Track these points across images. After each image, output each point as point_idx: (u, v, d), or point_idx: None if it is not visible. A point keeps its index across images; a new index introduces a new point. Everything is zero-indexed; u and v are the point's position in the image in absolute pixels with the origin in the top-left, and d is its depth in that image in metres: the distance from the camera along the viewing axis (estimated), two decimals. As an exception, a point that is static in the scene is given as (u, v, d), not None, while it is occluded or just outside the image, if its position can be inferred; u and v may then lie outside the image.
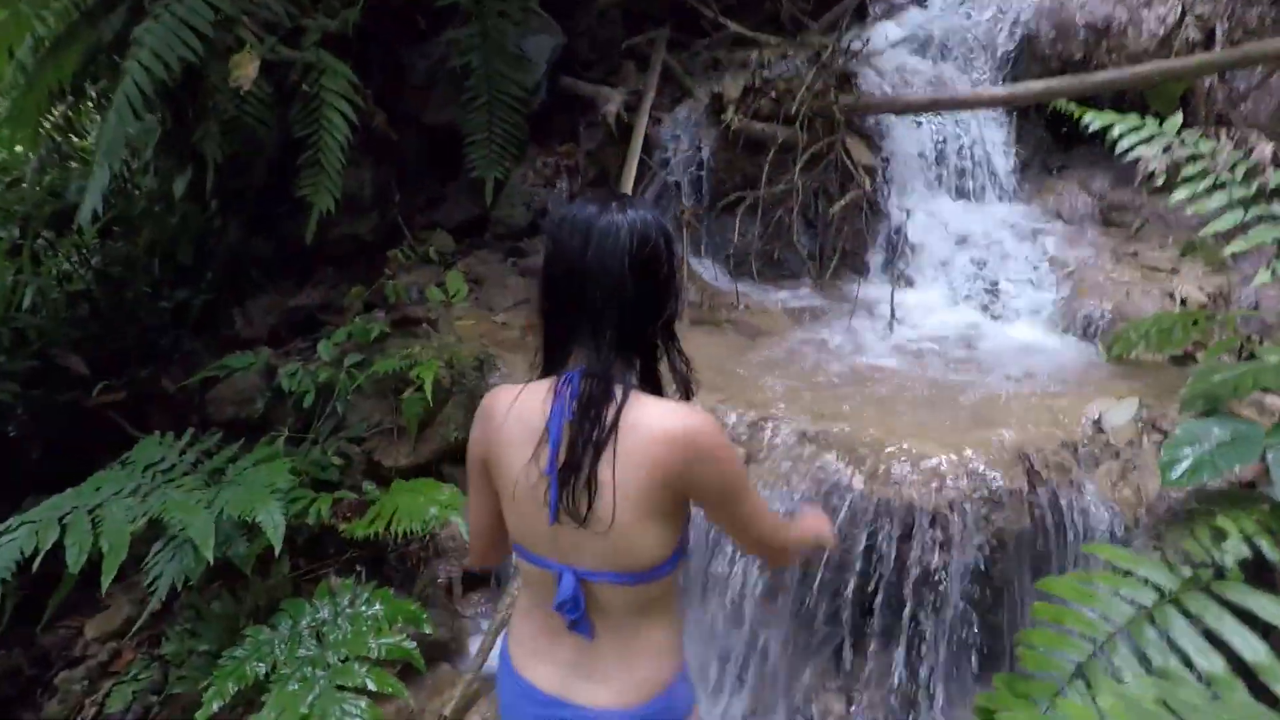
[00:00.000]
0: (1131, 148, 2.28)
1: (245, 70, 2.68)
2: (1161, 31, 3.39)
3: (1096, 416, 2.24)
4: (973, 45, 3.85)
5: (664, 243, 1.15)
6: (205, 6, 2.66)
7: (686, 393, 1.23)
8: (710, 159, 3.78)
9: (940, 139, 3.70)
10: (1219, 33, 3.40)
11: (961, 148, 3.70)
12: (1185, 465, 1.73)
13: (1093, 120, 2.37)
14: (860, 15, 4.70)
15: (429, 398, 2.52)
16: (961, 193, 3.68)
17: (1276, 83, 3.35)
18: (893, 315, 3.13)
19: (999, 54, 3.78)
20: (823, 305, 3.38)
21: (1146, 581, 1.50)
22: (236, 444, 2.42)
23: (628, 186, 3.62)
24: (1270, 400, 2.08)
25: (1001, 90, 3.34)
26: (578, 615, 1.22)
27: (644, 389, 1.18)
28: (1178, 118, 2.33)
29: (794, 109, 3.46)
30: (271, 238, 3.69)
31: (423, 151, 3.92)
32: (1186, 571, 1.58)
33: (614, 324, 1.11)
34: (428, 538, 2.40)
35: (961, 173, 3.69)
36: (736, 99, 3.61)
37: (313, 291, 3.59)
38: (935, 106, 3.45)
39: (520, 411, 1.19)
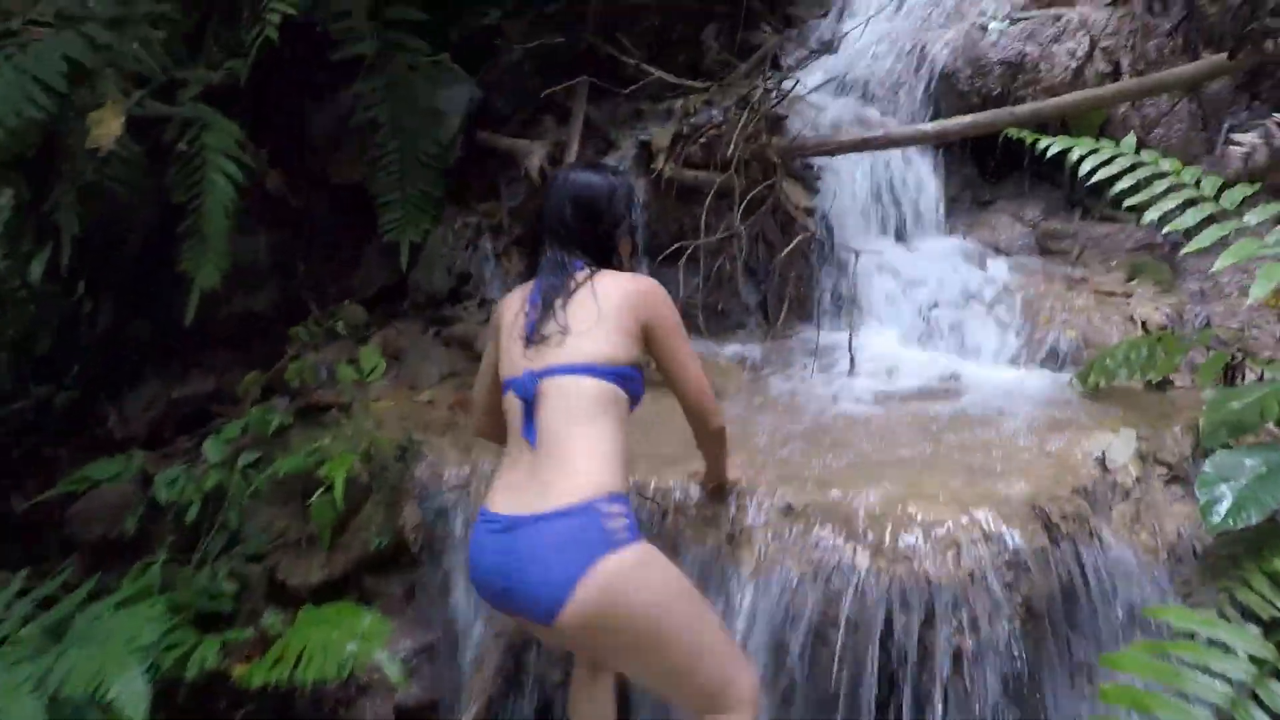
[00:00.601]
0: (1094, 170, 2.18)
1: (106, 128, 2.30)
2: (1073, 65, 3.45)
3: (1099, 455, 2.07)
4: (893, 86, 3.85)
5: (608, 193, 1.76)
6: (55, 57, 2.27)
7: None
8: (641, 212, 3.58)
9: (874, 179, 3.63)
10: (1124, 65, 3.49)
11: (894, 186, 3.64)
12: (1227, 505, 1.56)
13: (1051, 145, 2.27)
14: (774, 65, 4.73)
15: (339, 502, 2.11)
16: (900, 232, 3.60)
17: (1183, 108, 3.45)
18: (852, 363, 2.95)
19: (919, 93, 3.79)
20: (776, 357, 3.17)
21: (1235, 651, 1.28)
22: (92, 579, 1.92)
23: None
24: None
25: (931, 127, 3.30)
26: (529, 408, 1.58)
27: None
28: (1131, 138, 2.27)
29: (728, 154, 3.32)
30: (151, 319, 3.22)
31: (332, 214, 3.56)
32: (1254, 629, 1.38)
33: (574, 242, 1.70)
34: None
35: (898, 212, 3.62)
36: (666, 147, 3.45)
37: (202, 379, 3.14)
38: (867, 146, 3.37)
39: (518, 290, 1.78)
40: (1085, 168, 2.21)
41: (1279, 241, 1.93)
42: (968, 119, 3.23)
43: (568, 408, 1.55)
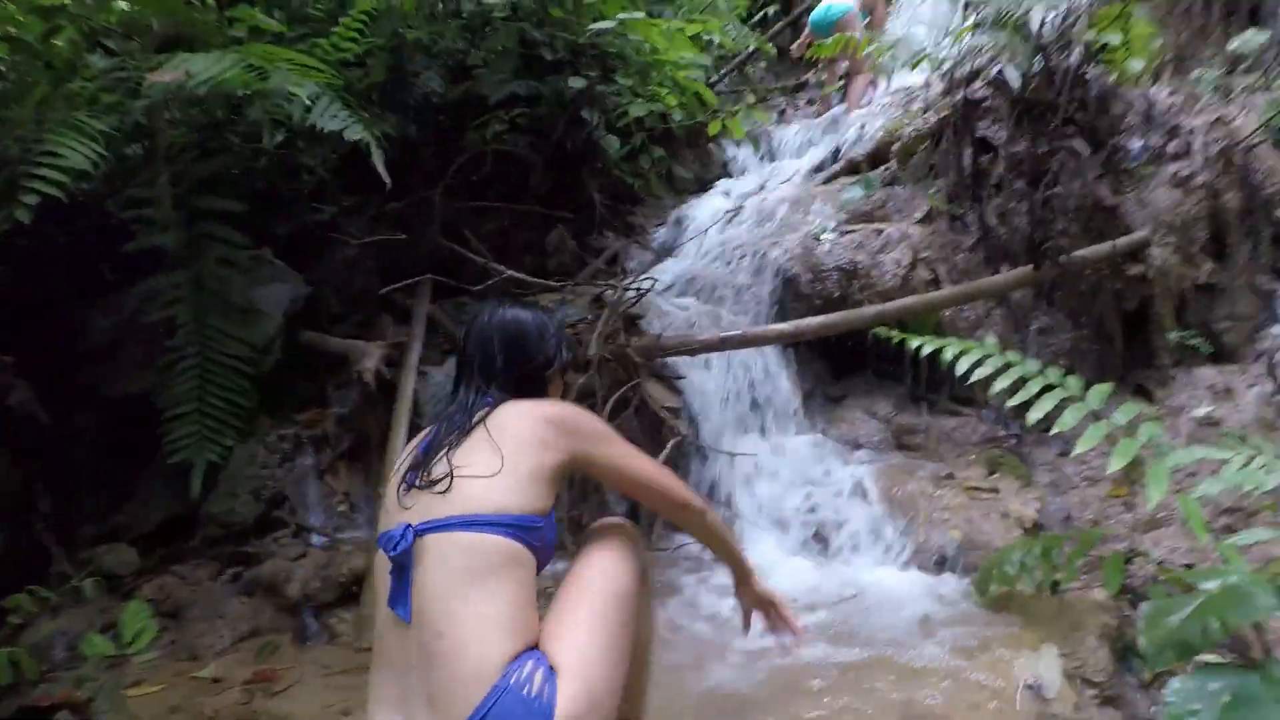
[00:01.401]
0: (971, 369, 2.17)
1: None
2: (900, 272, 3.72)
3: (1031, 682, 1.86)
4: (740, 289, 3.97)
5: (539, 329, 1.58)
6: None
7: None
8: (494, 415, 3.25)
9: (733, 378, 3.59)
10: (942, 273, 3.82)
11: (754, 385, 3.61)
12: (1208, 744, 1.35)
13: (923, 345, 2.27)
14: (618, 267, 4.81)
15: None
16: (763, 430, 3.52)
17: (997, 312, 3.78)
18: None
19: (765, 295, 3.91)
20: (655, 574, 2.80)
21: None
22: None
23: (395, 454, 2.91)
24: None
25: (788, 326, 3.34)
26: (399, 569, 1.28)
27: None
28: (992, 337, 2.32)
29: (588, 354, 3.13)
30: None
31: (101, 433, 2.88)
32: None
33: (485, 376, 1.51)
34: None
35: (759, 410, 3.57)
36: (520, 346, 3.21)
37: None
38: (727, 345, 3.34)
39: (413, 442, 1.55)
40: (961, 367, 2.21)
41: (1152, 438, 1.97)
42: (820, 319, 3.31)
43: (453, 573, 1.26)
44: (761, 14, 7.30)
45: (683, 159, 5.60)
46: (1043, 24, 3.23)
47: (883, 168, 4.60)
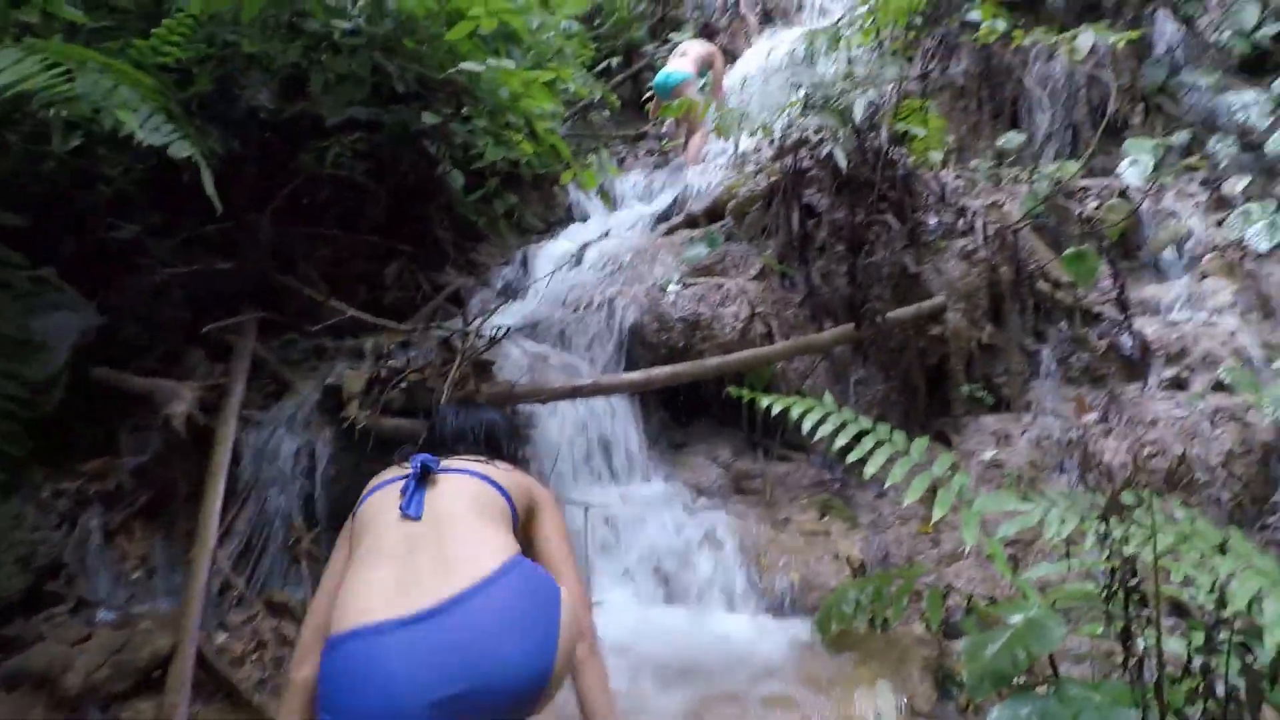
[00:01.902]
0: (815, 427, 2.35)
1: None
2: (739, 325, 3.95)
3: (871, 716, 2.01)
4: (589, 336, 4.00)
5: (508, 429, 1.99)
6: None
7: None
8: (328, 467, 3.01)
9: (581, 425, 3.60)
10: (775, 327, 4.11)
11: (603, 432, 3.64)
12: (1027, 766, 1.54)
13: (773, 403, 2.42)
14: (459, 305, 4.67)
15: None
16: (613, 478, 3.55)
17: (823, 365, 4.12)
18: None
19: (613, 343, 3.98)
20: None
21: None
22: None
23: (211, 510, 2.61)
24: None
25: (638, 375, 3.42)
26: (422, 480, 1.53)
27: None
28: (829, 397, 2.52)
29: (435, 400, 3.00)
30: None
31: None
32: None
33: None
34: None
35: (608, 458, 3.60)
36: (360, 392, 3.01)
37: None
38: (579, 393, 3.35)
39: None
40: (806, 426, 2.37)
41: (963, 486, 2.23)
42: (669, 369, 3.42)
43: (459, 496, 1.54)
44: (605, 64, 7.55)
45: (528, 200, 5.60)
46: (862, 113, 3.62)
47: (720, 224, 4.88)
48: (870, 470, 2.24)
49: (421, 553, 1.36)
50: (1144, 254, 4.30)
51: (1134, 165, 4.32)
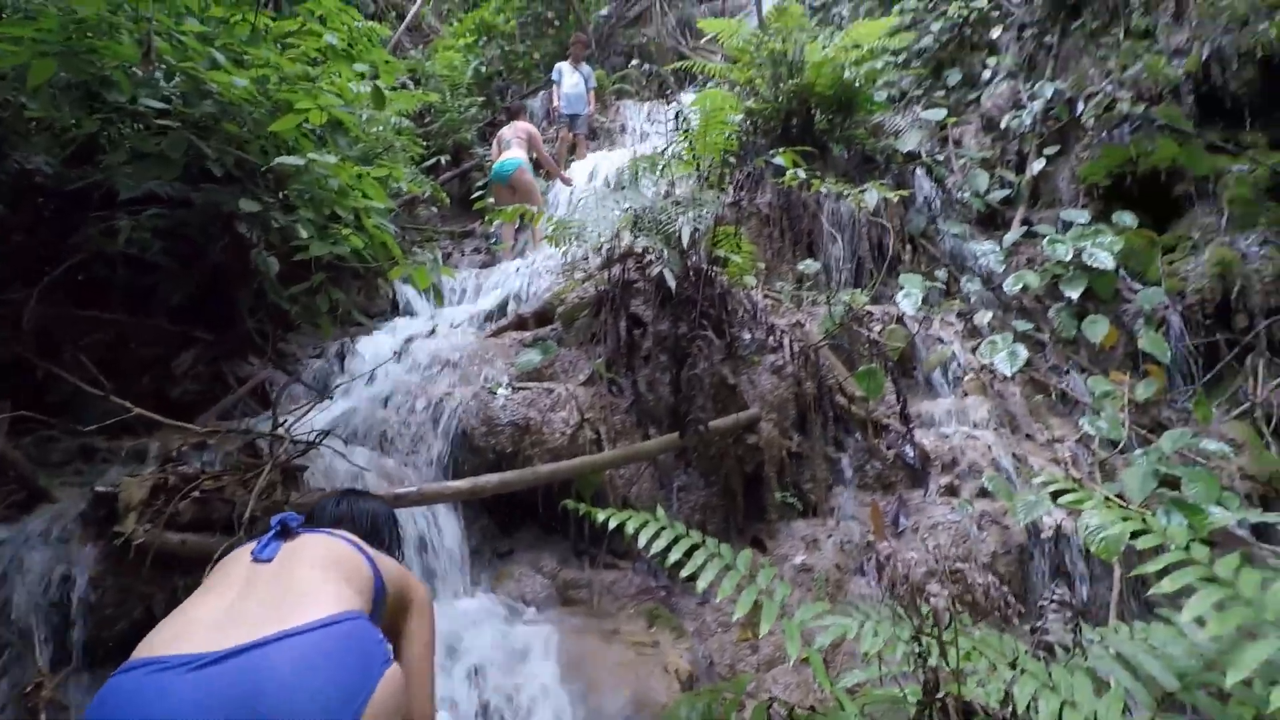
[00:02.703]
0: (650, 541, 2.38)
1: None
2: (568, 431, 3.97)
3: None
4: (412, 438, 3.82)
5: (388, 517, 2.00)
6: None
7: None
8: (88, 590, 2.57)
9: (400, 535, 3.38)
10: (603, 433, 4.18)
11: (424, 543, 3.44)
12: None
13: (609, 518, 2.43)
14: (264, 402, 4.29)
15: None
16: (433, 591, 3.33)
17: (648, 470, 4.23)
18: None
19: (439, 447, 3.83)
20: None
21: None
22: None
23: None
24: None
25: (465, 484, 3.29)
26: (283, 534, 1.47)
27: None
28: (661, 511, 2.59)
29: (235, 512, 2.68)
30: None
31: None
32: None
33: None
34: None
35: (426, 573, 3.39)
36: (142, 501, 2.62)
37: None
38: (401, 503, 3.14)
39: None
40: (642, 541, 2.41)
41: (784, 597, 2.36)
42: (498, 477, 3.34)
43: (316, 555, 1.46)
44: (435, 160, 7.58)
45: (348, 290, 5.36)
46: (688, 238, 3.92)
47: (549, 328, 4.96)
48: (702, 585, 2.30)
49: (257, 593, 1.29)
50: (919, 373, 4.95)
51: (907, 297, 5.02)
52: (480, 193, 7.14)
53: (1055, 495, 3.28)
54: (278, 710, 1.09)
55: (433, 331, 4.98)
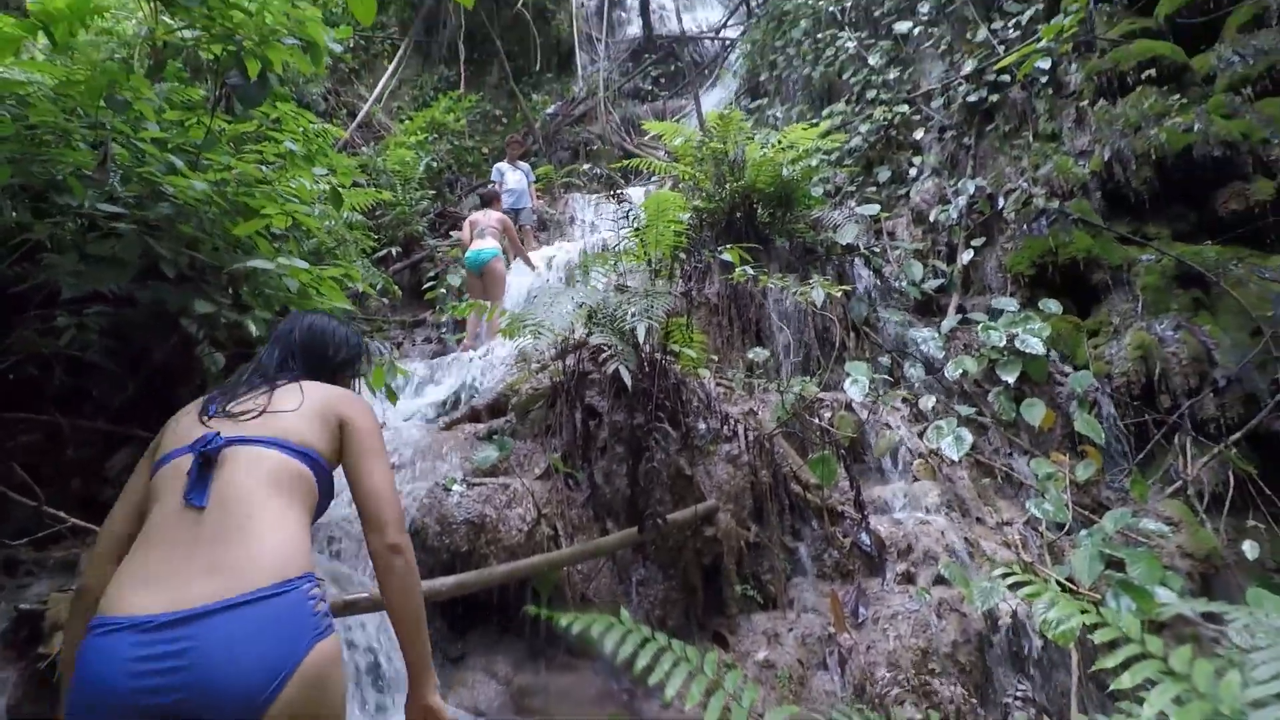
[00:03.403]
0: (616, 647, 2.33)
1: None
2: (525, 527, 3.90)
3: None
4: (360, 540, 3.69)
5: (343, 338, 1.91)
6: None
7: None
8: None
9: (345, 646, 3.21)
10: (560, 528, 4.12)
11: (370, 652, 3.28)
12: None
13: (571, 622, 2.38)
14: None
15: None
16: (379, 710, 3.16)
17: (605, 565, 4.16)
18: None
19: (389, 547, 3.70)
20: None
21: None
22: None
23: None
24: None
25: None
26: (206, 464, 1.41)
27: None
28: (625, 612, 2.54)
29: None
30: None
31: None
32: None
33: (286, 353, 1.82)
34: None
35: (375, 683, 3.22)
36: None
37: None
38: (352, 609, 3.01)
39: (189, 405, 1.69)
40: (608, 646, 2.35)
41: (738, 690, 2.32)
42: (455, 579, 3.23)
43: (254, 478, 1.44)
44: (385, 251, 7.63)
45: (295, 384, 5.24)
46: (644, 334, 4.00)
47: (504, 419, 4.93)
48: (670, 693, 2.24)
49: (198, 546, 1.33)
50: (870, 458, 5.05)
51: (855, 384, 5.18)
52: (432, 283, 7.18)
53: (1013, 584, 3.35)
54: (204, 681, 1.20)
55: (383, 426, 4.89)
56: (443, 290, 7.06)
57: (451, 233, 8.87)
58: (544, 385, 4.92)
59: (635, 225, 5.55)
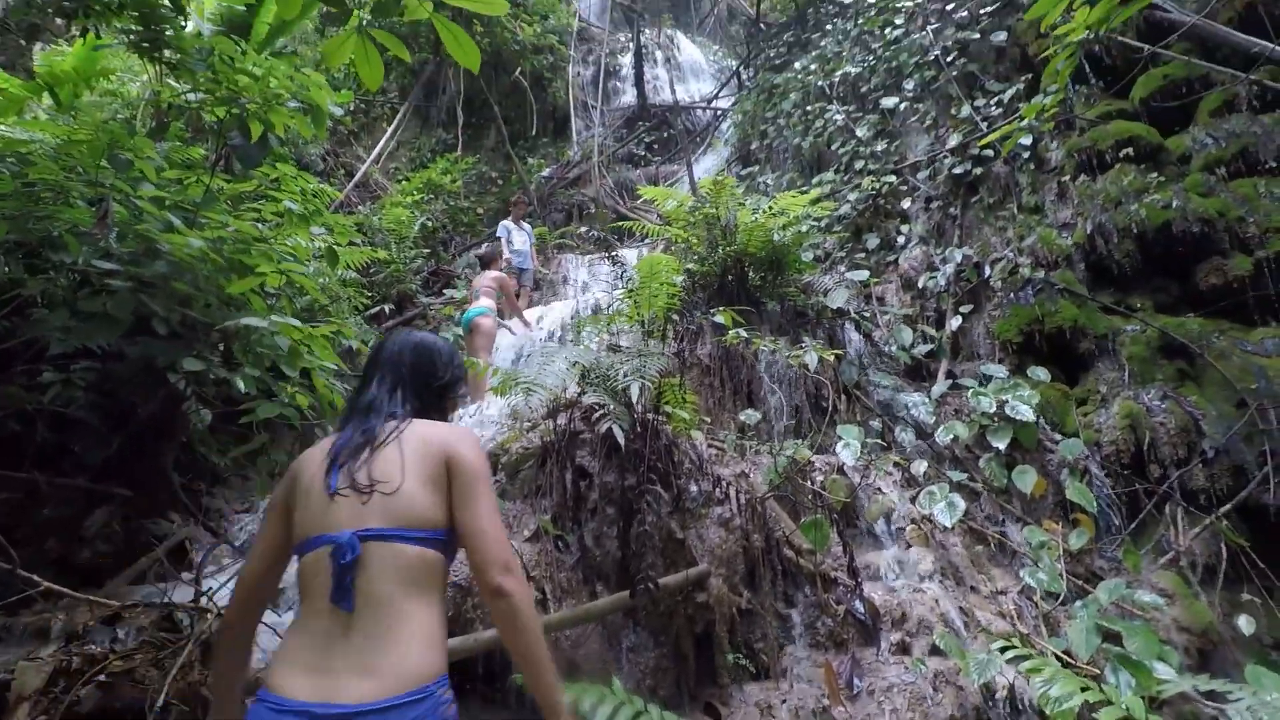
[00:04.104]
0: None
1: None
2: (512, 591, 3.81)
3: None
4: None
5: (450, 354, 1.93)
6: None
7: None
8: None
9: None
10: (548, 591, 4.02)
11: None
12: None
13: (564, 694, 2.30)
14: (185, 564, 4.00)
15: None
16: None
17: (595, 630, 4.05)
18: None
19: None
20: None
21: None
22: None
23: None
24: None
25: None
26: (345, 571, 1.48)
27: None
28: (616, 682, 2.47)
29: (150, 695, 2.42)
30: None
31: None
32: None
33: (393, 379, 1.80)
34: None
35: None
36: (38, 690, 2.35)
37: None
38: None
39: (319, 444, 1.74)
40: (600, 717, 2.28)
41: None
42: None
43: (391, 580, 1.51)
44: (379, 308, 7.66)
45: (281, 441, 5.18)
46: (637, 395, 4.00)
47: (492, 479, 4.87)
48: (663, 770, 2.16)
49: (351, 646, 1.46)
50: (862, 523, 5.00)
51: (846, 447, 5.17)
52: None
53: (1011, 658, 3.28)
54: None
55: (371, 485, 4.82)
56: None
57: (445, 290, 8.93)
58: (534, 445, 4.87)
59: (629, 286, 5.61)
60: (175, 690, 2.50)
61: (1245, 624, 4.13)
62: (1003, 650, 2.57)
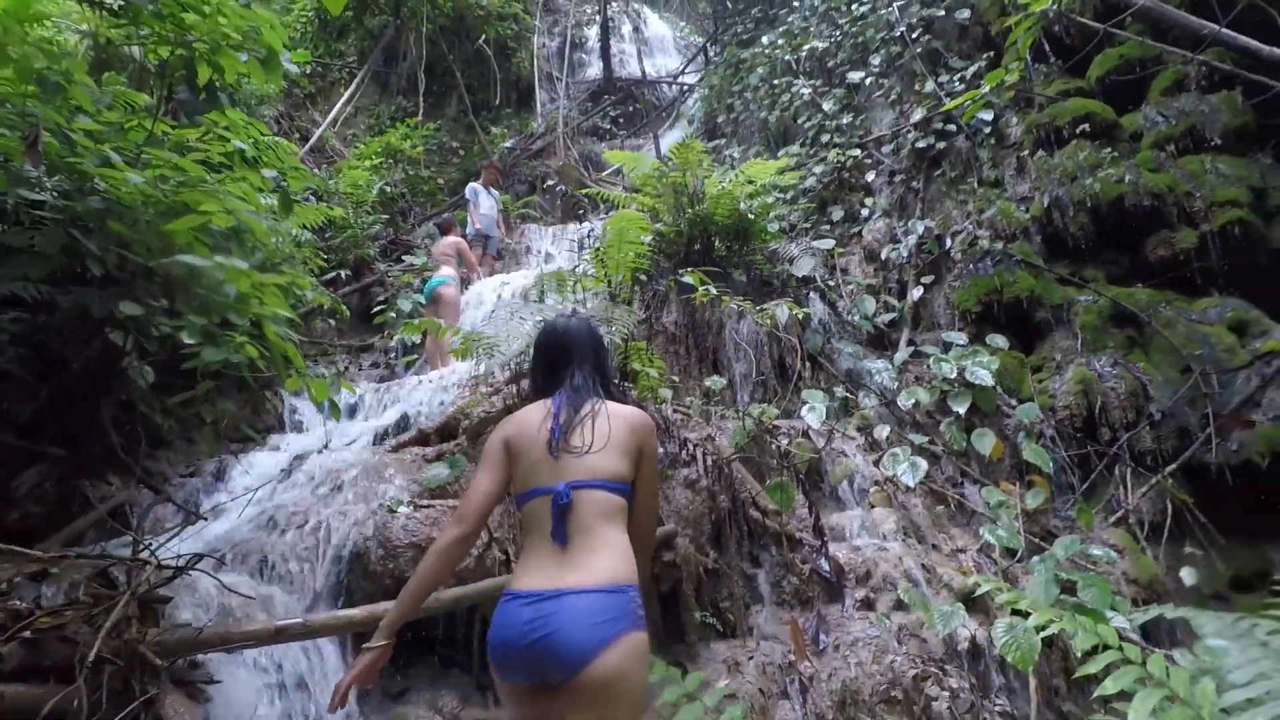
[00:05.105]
0: None
1: None
2: (476, 551, 3.71)
3: None
4: (297, 561, 3.45)
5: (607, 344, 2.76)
6: None
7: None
8: None
9: (273, 674, 2.97)
10: (512, 552, 3.94)
11: (302, 685, 3.04)
12: None
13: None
14: (126, 527, 3.80)
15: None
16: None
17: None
18: None
19: (327, 571, 3.47)
20: None
21: None
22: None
23: None
24: None
25: (358, 612, 2.96)
26: (563, 513, 2.03)
27: None
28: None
29: (78, 655, 2.27)
30: None
31: None
32: None
33: (591, 366, 2.34)
34: None
35: (309, 716, 2.97)
36: (-41, 647, 2.19)
37: None
38: (282, 637, 2.79)
39: (531, 409, 2.26)
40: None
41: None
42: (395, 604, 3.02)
43: (594, 515, 2.05)
44: (335, 274, 7.41)
45: (231, 401, 4.97)
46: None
47: (453, 443, 4.75)
48: None
49: (567, 561, 1.99)
50: (827, 486, 5.02)
51: (812, 411, 5.17)
52: (381, 307, 6.99)
53: (970, 600, 3.31)
54: (558, 632, 1.86)
55: (325, 447, 4.65)
56: (392, 314, 6.86)
57: (404, 257, 8.69)
58: (496, 408, 4.76)
59: (596, 248, 5.50)
60: (110, 647, 2.36)
61: (1188, 575, 4.27)
62: (979, 590, 2.58)
